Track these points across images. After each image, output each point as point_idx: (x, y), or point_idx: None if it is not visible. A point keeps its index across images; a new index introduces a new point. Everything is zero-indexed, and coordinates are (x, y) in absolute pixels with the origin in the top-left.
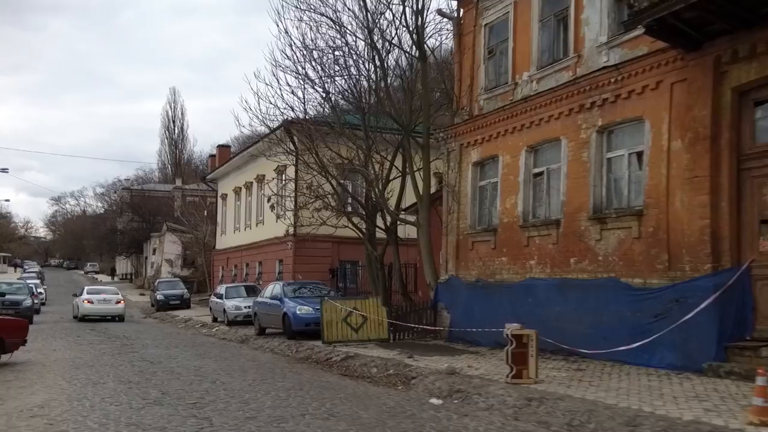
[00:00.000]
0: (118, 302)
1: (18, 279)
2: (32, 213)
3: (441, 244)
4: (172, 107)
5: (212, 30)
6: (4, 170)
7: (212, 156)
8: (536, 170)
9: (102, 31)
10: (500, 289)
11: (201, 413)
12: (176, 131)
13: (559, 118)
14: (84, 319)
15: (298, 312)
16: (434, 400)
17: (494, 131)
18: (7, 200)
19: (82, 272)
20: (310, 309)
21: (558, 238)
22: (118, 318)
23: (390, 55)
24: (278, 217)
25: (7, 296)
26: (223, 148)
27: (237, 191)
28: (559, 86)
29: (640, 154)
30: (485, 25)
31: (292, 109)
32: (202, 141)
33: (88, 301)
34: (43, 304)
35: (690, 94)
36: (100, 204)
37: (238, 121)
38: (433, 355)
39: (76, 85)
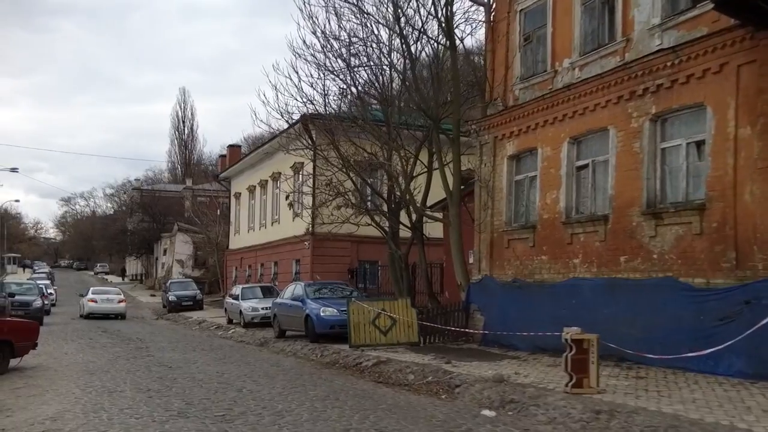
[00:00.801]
0: (120, 301)
1: (28, 279)
2: (42, 214)
3: (470, 242)
4: (182, 107)
5: (220, 32)
6: (14, 170)
7: (222, 156)
8: (580, 163)
9: (111, 34)
10: (540, 289)
11: (232, 428)
12: (186, 131)
13: (606, 106)
14: (89, 316)
15: (322, 314)
16: (487, 412)
17: (532, 122)
18: (17, 200)
19: (92, 273)
20: (335, 310)
21: (606, 234)
22: (120, 316)
23: (416, 45)
24: (296, 215)
25: (17, 297)
26: (233, 147)
27: (251, 190)
28: (606, 72)
29: (700, 144)
30: (520, 10)
31: (312, 102)
32: (210, 142)
33: (92, 300)
34: (53, 304)
35: (762, 77)
36: (109, 205)
37: (255, 114)
38: (471, 361)
39: (85, 87)
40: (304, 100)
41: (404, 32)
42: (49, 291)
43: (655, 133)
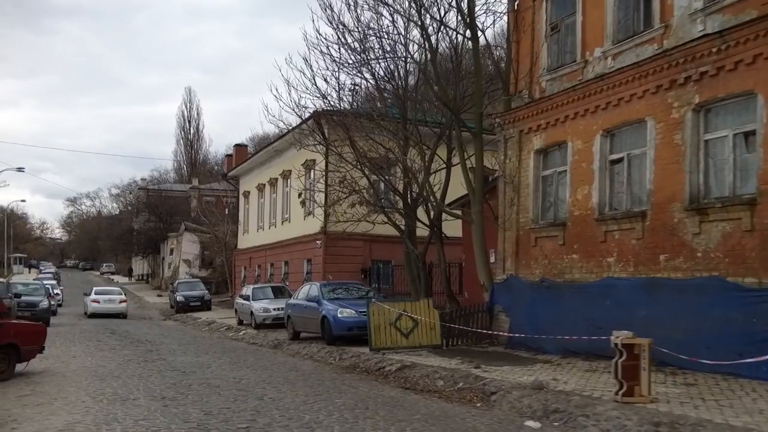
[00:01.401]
0: (121, 302)
1: (34, 280)
2: (48, 214)
3: (491, 241)
4: (188, 107)
5: (224, 32)
6: (20, 169)
7: (229, 155)
8: (614, 156)
9: (115, 34)
10: (571, 290)
11: None
12: (192, 131)
13: (643, 96)
14: (93, 315)
15: (339, 315)
16: (531, 423)
17: (561, 114)
18: (23, 200)
19: (98, 273)
20: (353, 312)
21: (643, 232)
22: (122, 315)
23: (436, 36)
24: (308, 213)
25: (23, 297)
26: (240, 147)
27: (260, 188)
28: (644, 61)
29: (749, 134)
30: None
31: (326, 97)
32: (215, 142)
33: (95, 301)
34: (59, 305)
35: None
36: (115, 205)
37: (267, 109)
38: (501, 365)
39: (89, 88)
40: (318, 94)
41: (424, 23)
42: (55, 291)
43: (698, 124)
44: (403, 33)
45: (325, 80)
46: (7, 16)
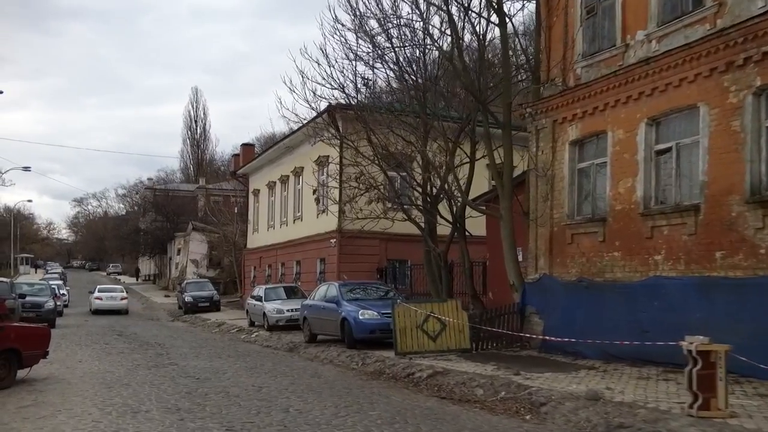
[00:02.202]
0: (122, 299)
1: (40, 280)
2: (55, 215)
3: (521, 238)
4: (195, 107)
5: (230, 34)
6: (27, 168)
7: (236, 155)
8: (660, 146)
9: (122, 36)
10: (612, 290)
11: None
12: (198, 131)
13: (694, 80)
14: (97, 311)
15: (360, 317)
16: None
17: (600, 102)
18: (30, 200)
19: (105, 273)
20: (375, 313)
21: (696, 227)
22: (123, 311)
23: (462, 22)
24: (322, 211)
25: (28, 298)
26: (247, 146)
27: (271, 186)
28: (694, 42)
29: None
30: None
31: (343, 90)
32: (221, 143)
33: (98, 298)
34: (65, 305)
35: None
36: (122, 205)
37: (280, 101)
38: (543, 372)
39: (95, 89)
40: (335, 85)
41: (449, 8)
42: (61, 292)
43: (759, 109)
44: (424, 18)
45: (342, 72)
46: (14, 18)
